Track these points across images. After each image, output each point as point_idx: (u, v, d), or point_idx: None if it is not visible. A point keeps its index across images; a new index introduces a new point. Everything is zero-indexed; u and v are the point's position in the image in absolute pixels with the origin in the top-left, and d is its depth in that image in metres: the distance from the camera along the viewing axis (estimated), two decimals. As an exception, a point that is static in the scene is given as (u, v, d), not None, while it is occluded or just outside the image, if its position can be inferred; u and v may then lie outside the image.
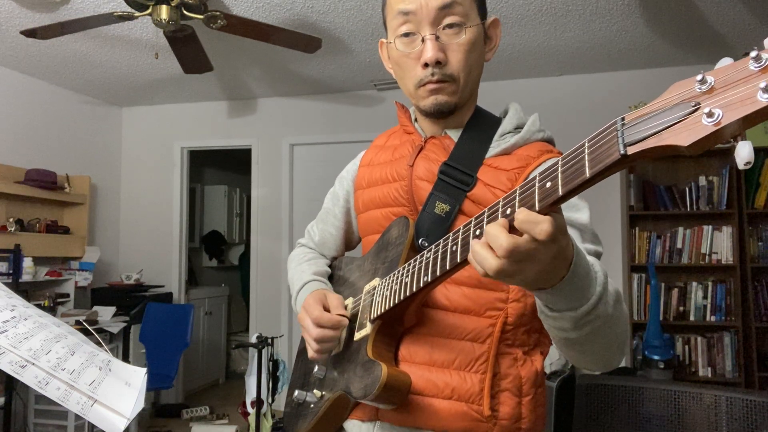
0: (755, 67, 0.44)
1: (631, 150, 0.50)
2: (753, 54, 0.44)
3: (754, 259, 3.54)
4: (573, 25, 3.24)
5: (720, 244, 3.58)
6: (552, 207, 0.58)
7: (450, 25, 0.91)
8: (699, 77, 0.47)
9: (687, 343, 3.61)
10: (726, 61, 0.48)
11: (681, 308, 3.64)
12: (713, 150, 3.62)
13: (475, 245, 0.62)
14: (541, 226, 0.57)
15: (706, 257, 3.59)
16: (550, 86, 4.10)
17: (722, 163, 3.64)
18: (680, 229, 3.67)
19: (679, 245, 3.66)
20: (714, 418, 1.11)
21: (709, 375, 3.55)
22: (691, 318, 3.61)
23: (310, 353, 0.96)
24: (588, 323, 0.69)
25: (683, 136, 0.46)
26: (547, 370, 3.30)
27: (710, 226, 3.60)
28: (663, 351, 3.31)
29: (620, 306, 0.75)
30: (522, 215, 0.58)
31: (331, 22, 3.18)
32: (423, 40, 0.91)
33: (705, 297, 3.60)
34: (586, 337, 0.72)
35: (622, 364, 3.66)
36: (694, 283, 3.63)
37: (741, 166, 0.48)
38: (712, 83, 0.46)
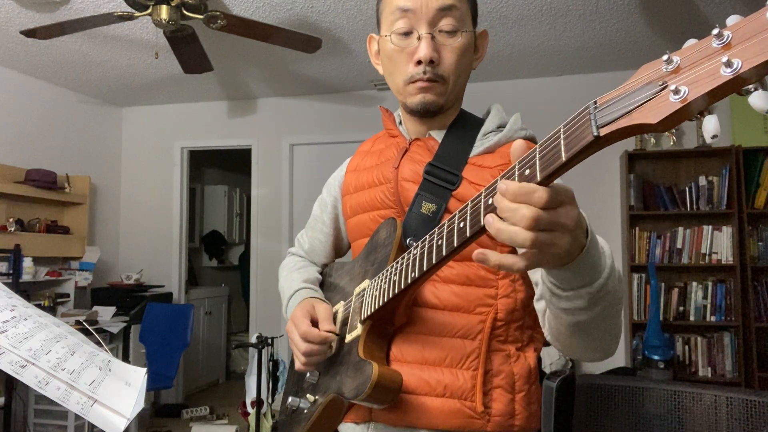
0: (718, 44, 0.45)
1: (603, 131, 0.51)
2: (715, 32, 0.45)
3: (754, 259, 3.54)
4: (573, 25, 3.24)
5: (720, 244, 3.57)
6: None
7: (446, 27, 0.92)
8: (665, 57, 0.48)
9: (687, 343, 3.61)
10: (692, 42, 0.49)
11: (681, 308, 3.64)
12: (713, 150, 3.62)
13: (495, 222, 0.58)
14: (537, 194, 0.54)
15: (706, 257, 3.59)
16: (550, 86, 4.10)
17: (722, 163, 3.64)
18: (680, 229, 3.67)
19: (679, 245, 3.66)
20: (714, 418, 1.11)
21: (709, 375, 3.55)
22: (691, 318, 3.61)
23: (297, 365, 0.96)
24: (601, 299, 0.67)
25: (652, 114, 0.48)
26: (547, 370, 3.30)
27: (710, 226, 3.60)
28: (663, 351, 3.31)
29: (621, 282, 0.74)
30: (513, 187, 0.55)
31: (331, 22, 3.18)
32: (419, 38, 0.92)
33: (705, 297, 3.59)
34: (596, 318, 0.70)
35: (622, 363, 3.66)
36: (694, 283, 3.63)
37: (708, 140, 0.49)
38: (678, 62, 0.48)
